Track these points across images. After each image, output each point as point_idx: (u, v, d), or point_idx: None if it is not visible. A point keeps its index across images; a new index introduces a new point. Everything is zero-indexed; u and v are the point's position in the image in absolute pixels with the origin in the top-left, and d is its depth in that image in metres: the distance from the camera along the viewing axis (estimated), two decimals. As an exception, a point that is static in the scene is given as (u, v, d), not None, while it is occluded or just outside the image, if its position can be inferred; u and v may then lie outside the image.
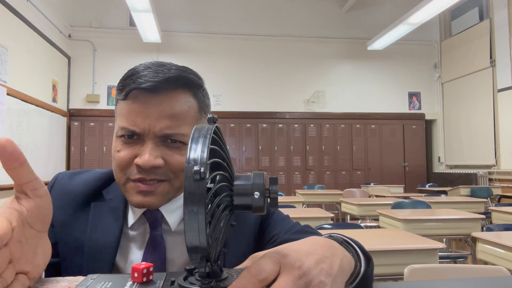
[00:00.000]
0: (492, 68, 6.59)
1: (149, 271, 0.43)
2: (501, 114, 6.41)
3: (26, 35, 5.28)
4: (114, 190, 0.76)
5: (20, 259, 0.42)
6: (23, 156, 0.43)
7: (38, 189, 0.46)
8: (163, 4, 7.13)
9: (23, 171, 0.44)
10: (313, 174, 7.43)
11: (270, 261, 0.38)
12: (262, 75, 7.52)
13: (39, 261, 0.46)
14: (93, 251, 0.69)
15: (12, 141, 0.42)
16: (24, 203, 0.45)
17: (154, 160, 0.64)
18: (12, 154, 0.42)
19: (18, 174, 0.44)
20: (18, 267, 0.42)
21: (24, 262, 0.43)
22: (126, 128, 0.66)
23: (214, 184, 0.39)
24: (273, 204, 0.41)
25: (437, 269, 1.43)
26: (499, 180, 6.36)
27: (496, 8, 6.49)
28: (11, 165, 0.43)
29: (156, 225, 0.72)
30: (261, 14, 7.61)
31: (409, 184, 7.50)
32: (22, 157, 0.43)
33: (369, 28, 7.62)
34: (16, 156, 0.42)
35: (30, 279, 0.44)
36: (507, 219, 3.43)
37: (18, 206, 0.44)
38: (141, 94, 0.66)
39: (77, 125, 6.84)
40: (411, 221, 2.80)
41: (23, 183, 0.45)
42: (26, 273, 0.44)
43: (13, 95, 4.84)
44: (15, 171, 0.43)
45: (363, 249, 0.54)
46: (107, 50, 7.14)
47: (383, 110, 7.78)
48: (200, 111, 0.71)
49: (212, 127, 0.39)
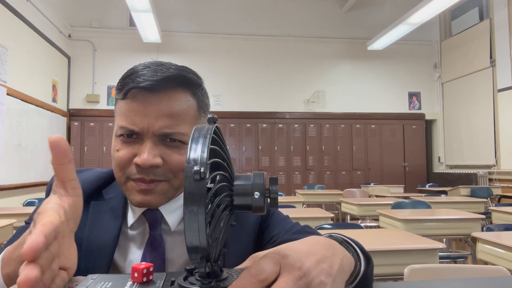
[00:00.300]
0: (492, 68, 6.59)
1: (149, 271, 0.43)
2: (501, 114, 6.41)
3: (26, 35, 5.28)
4: (114, 190, 0.76)
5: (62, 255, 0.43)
6: (72, 154, 0.46)
7: (77, 189, 0.48)
8: (163, 4, 7.13)
9: (70, 168, 0.46)
10: (313, 174, 7.43)
11: (270, 261, 0.38)
12: (262, 75, 7.52)
13: (74, 259, 0.46)
14: (91, 249, 0.69)
15: (64, 138, 0.45)
16: (65, 200, 0.46)
17: (153, 159, 0.64)
18: (65, 150, 0.44)
19: (65, 171, 0.45)
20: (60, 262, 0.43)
21: (66, 258, 0.44)
22: (125, 127, 0.66)
23: (214, 184, 0.39)
24: (273, 204, 0.41)
25: (437, 269, 1.43)
26: (499, 180, 6.36)
27: (496, 8, 6.49)
28: (62, 161, 0.45)
29: (155, 225, 0.72)
30: (261, 14, 7.61)
31: (409, 184, 7.51)
32: (71, 155, 0.46)
33: (369, 28, 7.62)
34: (67, 153, 0.45)
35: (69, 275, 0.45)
36: (507, 219, 3.43)
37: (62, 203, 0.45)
38: (140, 93, 0.66)
39: (77, 125, 6.85)
40: (411, 221, 2.80)
41: (67, 180, 0.46)
42: (66, 269, 0.44)
43: (13, 95, 4.85)
44: (63, 167, 0.45)
45: (363, 249, 0.54)
46: (107, 50, 7.14)
47: (383, 110, 7.78)
48: (199, 110, 0.71)
49: (212, 127, 0.39)
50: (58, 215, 0.41)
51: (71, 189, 0.46)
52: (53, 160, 0.44)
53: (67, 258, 0.44)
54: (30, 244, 0.34)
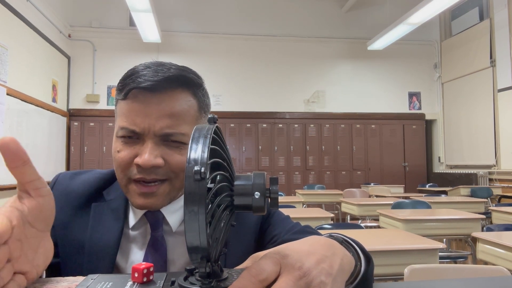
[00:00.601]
0: (492, 68, 6.59)
1: (149, 271, 0.43)
2: (501, 114, 6.41)
3: (26, 35, 5.28)
4: (115, 191, 0.75)
5: (19, 259, 0.42)
6: (26, 155, 0.44)
7: (40, 189, 0.46)
8: (163, 4, 7.13)
9: (26, 170, 0.44)
10: (313, 174, 7.43)
11: (271, 261, 0.38)
12: (262, 75, 7.52)
13: (39, 261, 0.46)
14: (93, 251, 0.69)
15: (16, 140, 0.42)
16: (26, 202, 0.45)
17: (154, 159, 0.64)
18: (16, 153, 0.42)
19: (21, 173, 0.44)
20: (16, 266, 0.42)
21: (24, 262, 0.43)
22: (126, 127, 0.66)
23: (214, 184, 0.39)
24: (274, 204, 0.41)
25: (437, 269, 1.43)
26: (499, 180, 6.36)
27: (496, 8, 6.49)
28: (14, 164, 0.43)
29: (157, 225, 0.72)
30: (261, 14, 7.61)
31: (409, 184, 7.50)
32: (25, 156, 0.43)
33: (369, 28, 7.62)
34: (19, 155, 0.43)
35: (28, 280, 0.44)
36: (507, 219, 3.43)
37: (19, 205, 0.44)
38: (140, 94, 0.66)
39: (77, 125, 6.85)
40: (411, 221, 2.80)
41: (25, 182, 0.45)
42: (24, 273, 0.43)
43: (13, 95, 4.84)
44: (18, 170, 0.44)
45: (363, 249, 0.54)
46: (107, 50, 7.14)
47: (383, 110, 7.78)
48: (200, 110, 0.71)
49: (212, 127, 0.39)
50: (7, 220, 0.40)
51: (33, 190, 0.45)
52: (6, 164, 0.43)
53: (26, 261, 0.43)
54: None
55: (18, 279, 0.42)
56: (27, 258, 0.44)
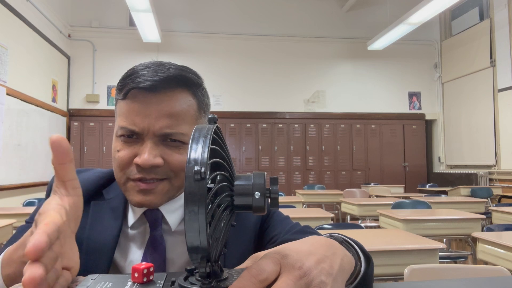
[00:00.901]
0: (493, 68, 6.59)
1: (149, 271, 0.43)
2: (501, 114, 6.41)
3: (26, 35, 5.29)
4: (115, 190, 0.76)
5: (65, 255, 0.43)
6: (72, 154, 0.46)
7: (77, 188, 0.47)
8: (163, 4, 7.13)
9: (70, 168, 0.46)
10: (313, 174, 7.43)
11: (271, 261, 0.38)
12: (262, 75, 7.52)
13: (76, 258, 0.46)
14: (91, 249, 0.69)
15: (65, 138, 0.45)
16: (65, 200, 0.46)
17: (154, 159, 0.64)
18: (66, 150, 0.44)
19: (66, 170, 0.45)
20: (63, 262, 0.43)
21: (68, 258, 0.44)
22: (126, 127, 0.66)
23: (214, 184, 0.39)
24: (274, 204, 0.41)
25: (437, 269, 1.43)
26: (499, 180, 6.36)
27: (496, 8, 6.49)
28: (62, 161, 0.45)
29: (156, 225, 0.72)
30: (261, 14, 7.61)
31: (409, 184, 7.51)
32: (72, 154, 0.45)
33: (369, 28, 7.63)
34: (69, 152, 0.45)
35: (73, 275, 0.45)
36: (507, 219, 3.43)
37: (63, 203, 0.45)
38: (140, 94, 0.66)
39: (77, 125, 6.85)
40: (411, 221, 2.80)
41: (67, 180, 0.46)
42: (69, 269, 0.44)
43: (13, 95, 4.85)
44: (64, 167, 0.45)
45: (363, 249, 0.54)
46: (107, 50, 7.14)
47: (383, 110, 7.78)
48: (200, 110, 0.71)
49: (212, 127, 0.39)
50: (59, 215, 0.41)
51: (71, 189, 0.46)
52: (54, 160, 0.44)
53: (69, 258, 0.44)
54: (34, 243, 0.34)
55: (66, 274, 0.43)
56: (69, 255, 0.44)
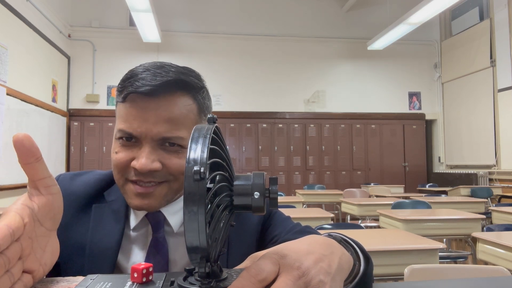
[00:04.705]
0: (493, 68, 6.59)
1: (148, 271, 0.43)
2: (501, 114, 6.41)
3: (26, 35, 5.28)
4: (116, 192, 0.75)
5: (29, 257, 0.42)
6: (39, 152, 0.44)
7: (51, 187, 0.46)
8: (163, 4, 7.13)
9: (38, 167, 0.44)
10: (313, 174, 7.43)
11: (270, 261, 0.38)
12: (262, 75, 7.52)
13: (46, 260, 0.46)
14: (94, 253, 0.69)
15: (30, 136, 0.43)
16: (36, 199, 0.45)
17: (151, 164, 0.64)
18: (30, 149, 0.43)
19: (33, 170, 0.44)
20: (26, 264, 0.42)
21: (33, 260, 0.43)
22: (124, 130, 0.65)
23: (214, 184, 0.39)
24: (273, 204, 0.41)
25: (437, 269, 1.43)
26: (499, 180, 6.36)
27: (496, 8, 6.49)
28: (28, 160, 0.43)
29: (158, 226, 0.71)
30: (261, 14, 7.61)
31: (409, 184, 7.50)
32: (38, 153, 0.44)
33: (370, 28, 7.62)
34: (33, 151, 0.43)
35: (35, 279, 0.44)
36: (507, 219, 3.43)
37: (30, 203, 0.44)
38: (139, 98, 0.65)
39: (77, 125, 6.85)
40: (411, 221, 2.80)
41: (37, 179, 0.45)
42: (32, 271, 0.43)
43: (13, 95, 4.85)
44: (31, 167, 0.44)
45: (362, 249, 0.54)
46: (107, 50, 7.14)
47: (383, 110, 7.78)
48: (200, 113, 0.70)
49: (212, 127, 0.39)
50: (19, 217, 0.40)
51: (43, 187, 0.45)
52: (19, 160, 0.43)
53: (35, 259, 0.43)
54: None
55: (25, 279, 0.42)
56: (36, 257, 0.44)
